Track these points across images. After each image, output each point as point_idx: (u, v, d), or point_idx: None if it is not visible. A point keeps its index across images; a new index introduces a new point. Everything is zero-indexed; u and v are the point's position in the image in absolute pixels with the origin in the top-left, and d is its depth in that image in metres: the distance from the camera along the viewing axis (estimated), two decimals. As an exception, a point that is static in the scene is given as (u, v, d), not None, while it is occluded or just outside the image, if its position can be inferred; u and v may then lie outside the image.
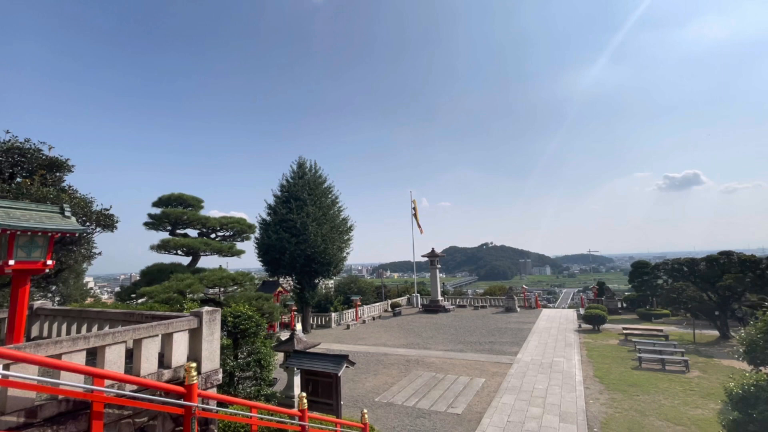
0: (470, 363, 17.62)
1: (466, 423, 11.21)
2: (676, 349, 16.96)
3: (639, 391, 13.40)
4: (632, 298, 33.70)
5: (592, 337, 22.75)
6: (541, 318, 29.30)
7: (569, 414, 11.47)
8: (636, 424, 10.84)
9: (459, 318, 30.98)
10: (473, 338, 22.93)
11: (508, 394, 13.35)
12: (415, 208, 42.13)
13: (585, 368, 16.26)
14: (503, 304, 35.07)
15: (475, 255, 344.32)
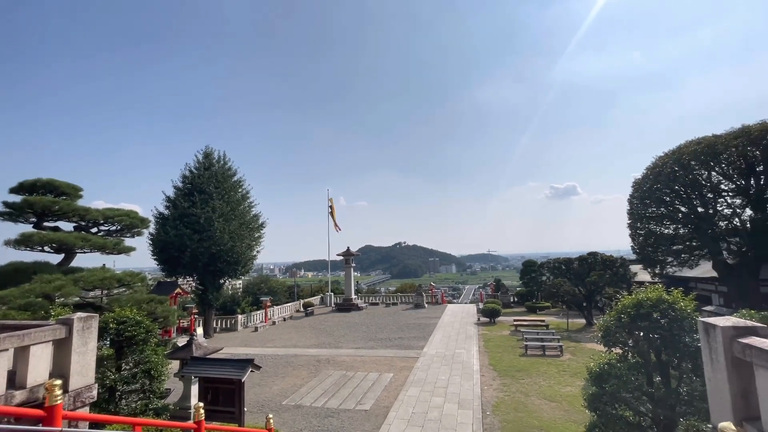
0: (380, 359, 18.10)
1: (373, 418, 11.48)
2: (554, 337, 19.61)
3: (524, 375, 15.19)
4: (522, 293, 38.07)
5: (489, 329, 25.13)
6: (446, 313, 31.44)
7: (467, 401, 12.49)
8: (521, 404, 12.28)
9: (371, 316, 31.62)
10: (384, 335, 23.60)
11: (413, 386, 14.02)
12: (332, 207, 41.89)
13: (482, 358, 17.88)
14: (413, 301, 36.80)
15: (390, 254, 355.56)
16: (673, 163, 22.92)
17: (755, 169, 20.92)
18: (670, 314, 6.15)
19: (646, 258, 25.38)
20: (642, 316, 6.36)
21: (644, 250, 25.01)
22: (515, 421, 10.96)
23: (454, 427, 10.63)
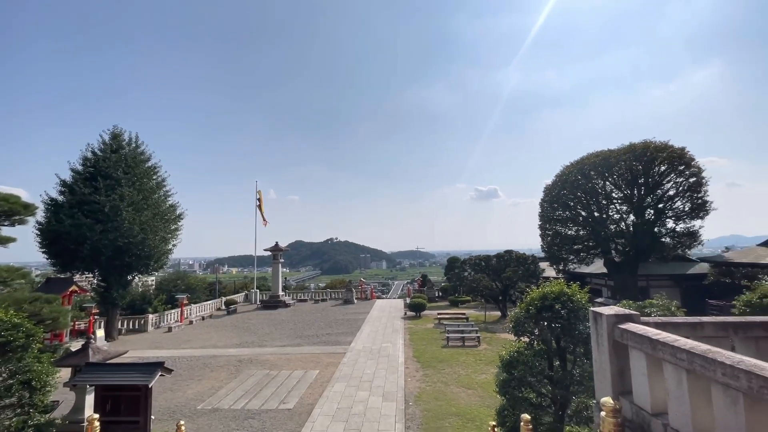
0: (306, 356, 17.77)
1: (297, 417, 11.23)
2: (472, 329, 21.00)
3: (445, 366, 16.04)
4: (446, 288, 40.15)
5: (415, 322, 26.08)
6: (375, 308, 31.94)
7: (391, 393, 12.81)
8: (441, 393, 12.95)
9: (298, 312, 30.91)
10: (311, 331, 23.22)
11: (339, 382, 14.00)
12: (260, 199, 39.99)
13: (407, 351, 18.49)
14: (342, 297, 36.76)
15: (321, 250, 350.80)
16: (576, 172, 25.86)
17: (638, 181, 24.48)
18: (568, 305, 6.94)
19: (552, 256, 28.37)
20: (546, 308, 7.09)
21: (551, 249, 27.94)
22: (435, 410, 11.52)
23: (378, 419, 10.83)
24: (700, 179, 24.02)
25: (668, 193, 24.54)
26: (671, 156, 24.10)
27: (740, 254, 22.13)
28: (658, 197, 24.46)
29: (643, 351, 3.32)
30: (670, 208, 24.37)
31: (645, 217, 24.56)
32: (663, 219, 24.58)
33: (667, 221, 24.72)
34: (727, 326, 3.82)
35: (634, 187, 24.85)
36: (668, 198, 24.55)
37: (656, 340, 3.10)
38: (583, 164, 25.97)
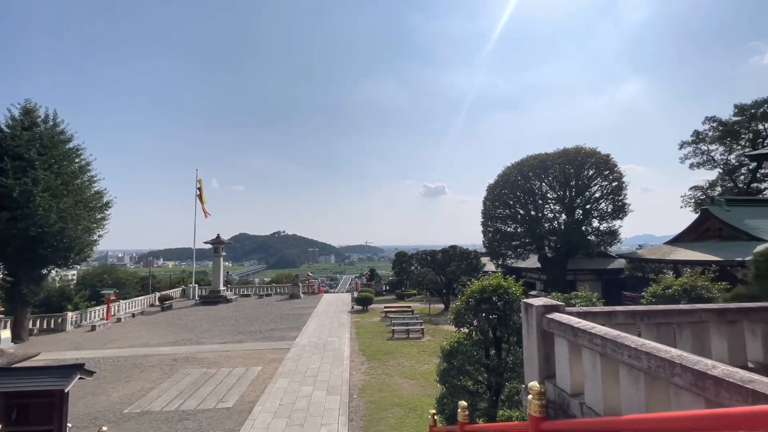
0: (248, 353, 17.17)
1: (236, 415, 10.84)
2: (417, 321, 21.62)
3: (390, 358, 16.36)
4: (394, 282, 40.84)
5: (361, 316, 26.25)
6: (322, 302, 31.65)
7: (335, 387, 12.82)
8: (385, 384, 13.20)
9: (241, 308, 29.73)
10: (254, 327, 22.45)
11: (283, 378, 13.72)
12: (201, 189, 37.67)
13: (353, 344, 18.57)
14: (288, 292, 35.94)
15: (267, 243, 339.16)
16: (517, 173, 27.48)
17: (570, 183, 26.58)
18: (505, 298, 7.39)
19: (492, 251, 29.98)
20: (485, 300, 7.49)
21: (492, 245, 29.51)
22: (378, 401, 11.73)
23: (321, 413, 10.79)
24: (621, 184, 26.75)
25: (595, 195, 27.04)
26: (598, 161, 26.55)
27: (650, 251, 25.01)
28: (586, 199, 26.84)
29: (565, 338, 3.63)
30: (596, 209, 26.89)
31: (575, 216, 26.84)
32: (590, 219, 27.05)
33: (593, 221, 27.27)
34: (634, 314, 4.30)
35: (567, 188, 27.02)
36: (595, 200, 27.05)
37: (577, 328, 3.40)
38: (522, 166, 27.69)
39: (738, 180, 33.92)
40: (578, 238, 26.48)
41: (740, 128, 32.90)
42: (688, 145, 36.44)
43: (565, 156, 26.38)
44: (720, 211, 20.29)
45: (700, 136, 35.52)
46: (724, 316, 4.30)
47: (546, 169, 26.49)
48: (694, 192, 35.62)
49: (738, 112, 32.77)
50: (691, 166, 36.38)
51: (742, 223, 18.95)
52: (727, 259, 15.94)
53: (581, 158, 26.15)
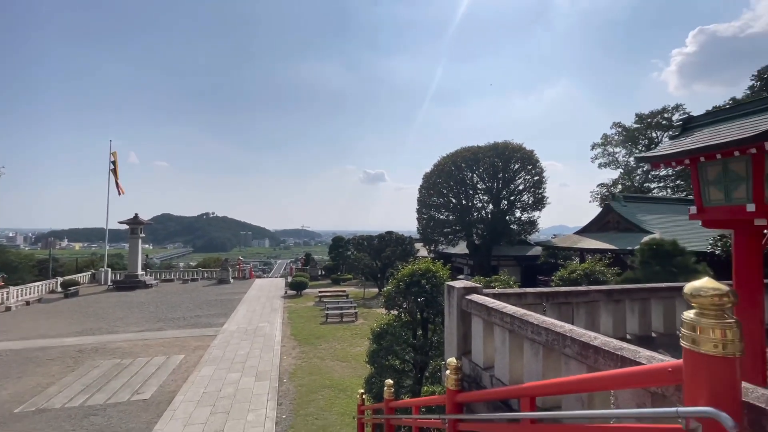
0: (169, 341, 16.06)
1: (154, 407, 10.15)
2: (351, 305, 21.88)
3: (323, 342, 16.41)
4: (330, 266, 40.69)
5: (295, 301, 25.86)
6: (253, 287, 30.54)
7: (265, 372, 12.56)
8: (316, 367, 13.25)
9: (163, 293, 27.57)
10: (177, 314, 21.01)
11: (208, 365, 13.10)
12: (115, 162, 33.68)
13: (284, 329, 18.28)
14: (217, 276, 34.09)
15: (194, 225, 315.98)
16: (451, 163, 28.69)
17: (498, 176, 28.43)
18: (433, 281, 7.78)
19: (426, 238, 31.21)
20: (414, 283, 7.82)
21: (425, 231, 30.68)
22: (309, 384, 11.77)
23: (249, 399, 10.55)
24: (542, 178, 29.31)
25: (519, 188, 29.32)
26: (523, 156, 28.74)
27: (562, 240, 27.97)
28: (511, 191, 29.00)
29: (481, 317, 3.96)
30: (519, 201, 29.23)
31: (501, 206, 28.90)
32: (513, 209, 29.36)
33: (516, 211, 29.64)
34: (541, 295, 4.81)
35: (495, 180, 28.92)
36: (518, 192, 29.34)
37: (491, 308, 3.72)
38: (456, 157, 28.99)
39: (635, 180, 39.02)
40: (502, 226, 28.61)
41: (639, 134, 37.71)
42: (598, 147, 40.95)
43: (495, 150, 28.12)
44: (619, 206, 23.26)
45: (607, 139, 40.05)
46: (611, 296, 5.00)
47: (477, 161, 28.04)
48: (600, 189, 40.29)
49: (638, 120, 37.48)
50: (600, 166, 41.03)
51: (635, 217, 21.94)
52: (621, 248, 18.41)
53: (509, 153, 28.08)
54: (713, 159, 3.09)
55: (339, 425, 9.51)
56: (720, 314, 1.53)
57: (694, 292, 1.58)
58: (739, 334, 1.55)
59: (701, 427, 1.52)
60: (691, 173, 3.38)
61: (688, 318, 1.60)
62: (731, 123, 3.22)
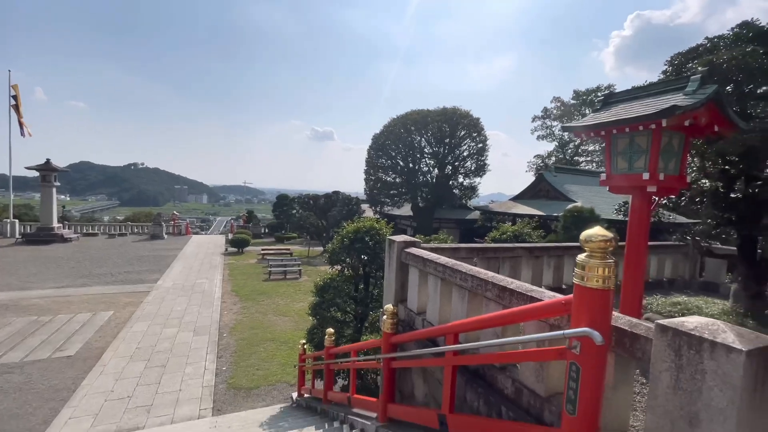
0: (95, 297, 15.07)
1: (81, 363, 9.68)
2: (295, 263, 21.90)
3: (265, 298, 16.43)
4: (274, 225, 39.83)
5: (236, 258, 25.24)
6: (190, 244, 29.14)
7: (204, 327, 12.41)
8: (258, 322, 13.35)
9: (85, 248, 25.33)
10: (103, 270, 19.58)
11: (141, 321, 12.61)
12: (17, 98, 28.97)
13: (225, 286, 17.93)
14: (149, 232, 31.90)
15: (120, 176, 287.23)
16: (401, 126, 28.72)
17: (444, 141, 29.10)
18: (376, 238, 8.06)
19: (372, 199, 31.56)
20: (358, 240, 8.04)
21: (372, 192, 30.98)
22: (250, 338, 11.89)
23: (187, 353, 10.45)
24: (485, 146, 30.56)
25: (463, 154, 30.37)
26: (470, 124, 29.57)
27: (498, 206, 29.89)
28: (456, 156, 29.97)
29: (417, 268, 4.27)
30: (463, 166, 30.40)
31: (445, 171, 29.87)
32: (457, 174, 30.51)
33: (459, 176, 30.85)
34: (473, 250, 5.27)
35: (441, 145, 29.60)
36: (463, 158, 30.42)
37: (427, 259, 4.03)
38: (406, 119, 29.02)
39: (567, 153, 42.13)
40: (446, 191, 29.76)
41: (574, 110, 40.28)
42: (538, 119, 43.20)
43: (443, 115, 28.53)
44: (550, 176, 25.19)
45: (547, 112, 42.31)
46: (532, 253, 5.61)
47: (426, 125, 28.35)
48: (537, 160, 43.01)
49: (575, 96, 39.86)
50: (538, 138, 43.50)
51: (563, 187, 23.98)
52: (548, 214, 20.19)
53: (456, 119, 28.69)
54: (623, 132, 3.52)
55: (281, 374, 9.86)
56: (604, 255, 1.87)
57: (586, 238, 1.90)
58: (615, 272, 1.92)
59: (580, 344, 1.89)
60: (605, 144, 3.82)
61: (580, 259, 1.93)
62: (641, 101, 3.65)
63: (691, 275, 7.43)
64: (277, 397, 8.94)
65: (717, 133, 3.42)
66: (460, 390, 3.19)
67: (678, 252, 7.18)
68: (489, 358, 2.76)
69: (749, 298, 4.44)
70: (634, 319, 2.11)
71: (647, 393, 1.86)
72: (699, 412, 1.61)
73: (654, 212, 5.02)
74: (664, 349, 1.75)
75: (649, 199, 3.63)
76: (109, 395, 8.33)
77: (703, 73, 3.18)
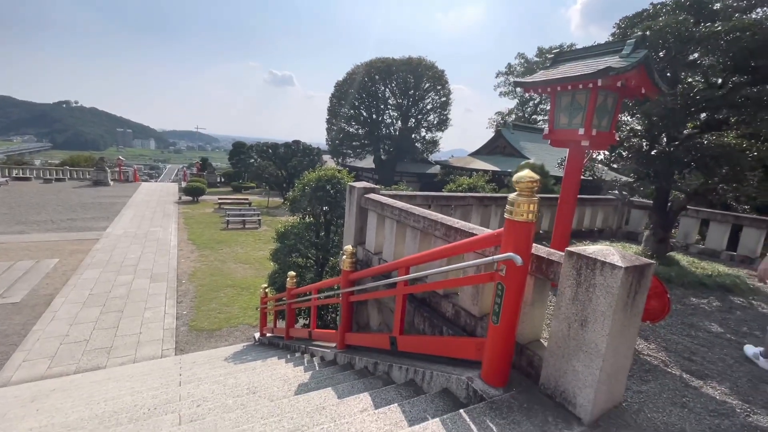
0: (36, 245, 14.22)
1: (28, 309, 9.39)
2: (254, 212, 21.60)
3: (224, 246, 16.32)
4: (230, 174, 38.32)
5: (191, 207, 24.38)
6: (140, 192, 27.58)
7: (161, 274, 12.28)
8: (217, 270, 13.39)
9: (16, 194, 23.25)
10: (42, 217, 18.27)
11: (92, 269, 12.22)
12: None
13: (181, 234, 17.50)
14: (92, 177, 29.64)
15: (50, 115, 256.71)
16: (364, 73, 27.78)
17: (409, 93, 28.70)
18: (337, 186, 8.21)
19: (334, 150, 31.07)
20: (320, 188, 8.16)
21: (334, 143, 30.42)
22: (209, 285, 11.98)
23: (145, 299, 10.42)
24: (448, 100, 30.53)
25: (427, 107, 30.24)
26: (434, 76, 29.17)
27: (456, 161, 30.64)
28: (419, 109, 29.80)
29: (376, 212, 4.56)
30: (426, 120, 30.38)
31: (408, 124, 29.76)
32: (419, 128, 30.54)
33: (422, 130, 30.92)
34: (428, 198, 5.63)
35: (406, 97, 29.19)
36: (426, 111, 30.32)
37: (384, 203, 4.31)
38: (370, 67, 28.03)
39: (527, 111, 43.11)
40: (408, 144, 29.86)
41: (537, 67, 40.69)
42: (502, 76, 43.31)
43: (408, 65, 27.84)
44: (508, 133, 25.95)
45: (511, 68, 42.41)
46: (482, 202, 6.08)
47: (391, 74, 27.62)
48: (497, 116, 43.71)
49: (538, 53, 40.08)
50: (501, 94, 43.83)
51: (519, 144, 24.90)
52: (503, 170, 21.14)
53: (422, 70, 28.14)
54: (566, 90, 3.84)
55: (242, 317, 10.19)
56: (530, 194, 2.22)
57: (516, 179, 2.24)
58: (538, 208, 2.29)
59: (505, 267, 2.28)
60: (550, 100, 4.14)
61: (511, 197, 2.27)
62: (585, 61, 3.95)
63: (618, 226, 8.40)
64: (240, 337, 9.32)
65: (644, 95, 3.83)
66: (409, 316, 3.64)
67: (609, 205, 8.03)
68: (434, 286, 3.17)
69: (656, 242, 5.22)
70: (551, 249, 2.54)
71: (553, 306, 2.32)
72: (588, 316, 2.07)
73: (590, 167, 5.59)
74: (570, 270, 2.17)
75: (583, 153, 4.08)
76: (64, 339, 8.28)
77: (637, 38, 3.50)
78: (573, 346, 2.15)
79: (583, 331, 2.10)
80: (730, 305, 4.15)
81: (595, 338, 2.04)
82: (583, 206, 7.75)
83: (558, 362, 2.24)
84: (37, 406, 4.51)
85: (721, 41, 4.12)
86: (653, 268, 2.14)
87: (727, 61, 4.11)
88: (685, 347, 3.09)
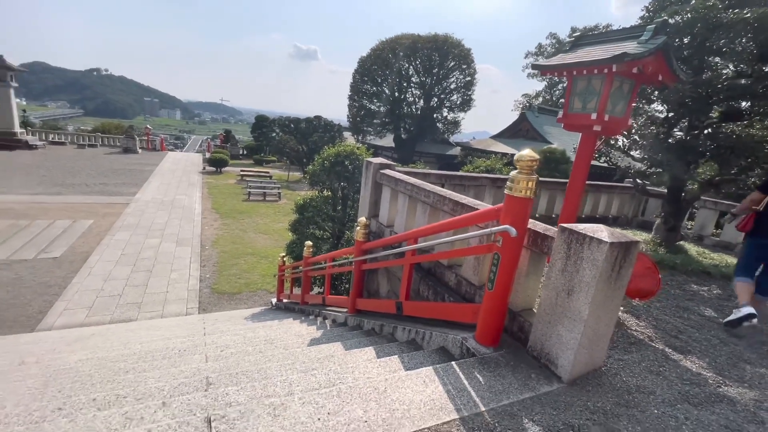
0: (73, 206, 15.12)
1: (68, 264, 10.18)
2: (275, 185, 22.13)
3: (245, 216, 16.93)
4: (252, 147, 38.96)
5: (215, 177, 25.13)
6: (166, 160, 28.51)
7: (186, 239, 12.96)
8: (238, 237, 14.00)
9: (53, 158, 24.44)
10: (77, 180, 19.27)
11: (123, 231, 12.99)
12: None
13: (204, 203, 18.21)
14: (122, 145, 30.73)
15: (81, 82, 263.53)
16: (389, 50, 27.38)
17: (433, 71, 28.18)
18: (355, 162, 8.44)
19: (355, 127, 31.08)
20: (338, 163, 8.41)
21: (355, 120, 30.41)
22: (231, 251, 12.59)
23: (171, 261, 11.09)
24: (473, 80, 29.82)
25: (450, 86, 29.68)
26: (460, 54, 28.47)
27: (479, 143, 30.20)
28: (443, 88, 29.30)
29: (390, 187, 4.78)
30: (449, 99, 29.89)
31: (431, 103, 29.38)
32: (442, 108, 30.11)
33: (444, 110, 30.49)
34: (442, 176, 5.79)
35: (429, 75, 28.70)
36: (450, 91, 29.78)
37: (398, 179, 4.53)
38: (395, 43, 27.57)
39: (555, 94, 41.68)
40: (429, 124, 29.58)
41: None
42: (532, 56, 41.74)
43: (434, 42, 27.22)
44: (532, 116, 25.36)
45: (541, 49, 40.80)
46: (495, 183, 6.20)
47: (415, 51, 27.12)
48: (524, 98, 42.46)
49: (571, 34, 38.30)
50: (528, 76, 42.42)
51: (542, 128, 24.35)
52: (525, 154, 20.83)
53: (447, 47, 27.49)
54: (582, 74, 3.90)
55: (261, 283, 10.75)
56: (529, 171, 2.40)
57: (518, 158, 2.41)
58: (537, 184, 2.47)
59: (502, 239, 2.49)
60: (567, 84, 4.20)
61: (511, 174, 2.46)
62: (603, 45, 3.97)
63: (634, 214, 8.36)
64: (258, 302, 9.88)
65: (661, 82, 3.85)
66: (415, 284, 3.91)
67: (625, 193, 7.99)
68: (439, 256, 3.41)
69: (666, 231, 5.27)
70: (548, 226, 2.73)
71: (545, 277, 2.53)
72: (574, 286, 2.28)
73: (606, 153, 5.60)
74: (561, 244, 2.37)
75: (595, 138, 4.15)
76: (100, 292, 9.00)
77: (657, 24, 3.50)
78: (559, 312, 2.36)
79: (569, 300, 2.31)
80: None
81: (579, 306, 2.25)
82: (599, 193, 7.75)
83: (545, 327, 2.47)
84: (81, 345, 5.08)
85: (749, 28, 4.04)
86: (639, 246, 2.31)
87: (753, 49, 4.04)
88: (674, 326, 3.26)
